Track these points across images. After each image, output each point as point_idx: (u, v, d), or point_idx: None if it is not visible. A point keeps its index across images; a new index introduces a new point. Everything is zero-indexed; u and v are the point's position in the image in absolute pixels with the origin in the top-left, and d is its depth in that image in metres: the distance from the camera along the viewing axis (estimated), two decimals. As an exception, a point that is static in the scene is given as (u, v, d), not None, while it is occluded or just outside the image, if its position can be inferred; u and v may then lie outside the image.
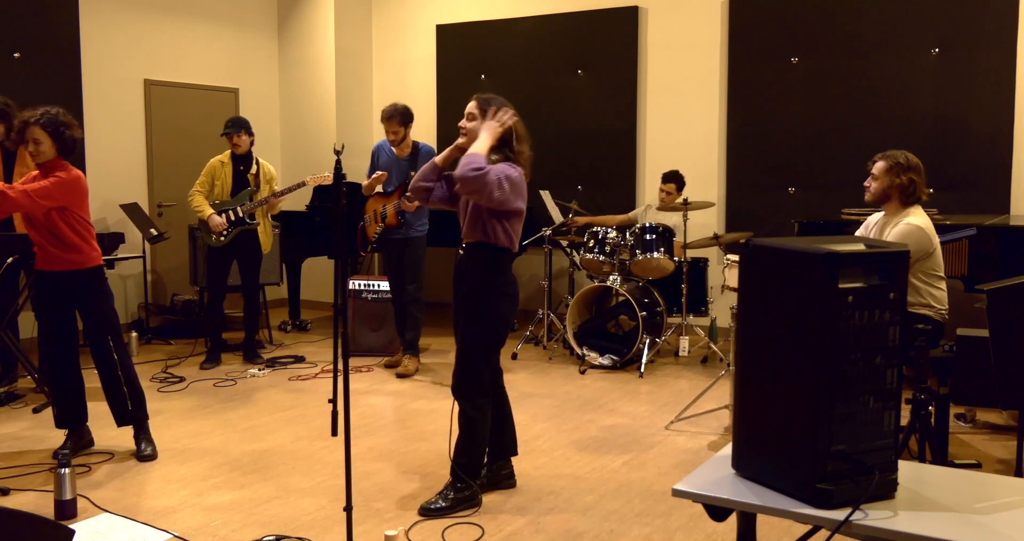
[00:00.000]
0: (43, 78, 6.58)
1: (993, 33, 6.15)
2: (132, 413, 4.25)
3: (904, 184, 4.03)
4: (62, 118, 4.03)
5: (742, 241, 3.28)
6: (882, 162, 4.10)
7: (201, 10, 7.86)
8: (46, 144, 4.00)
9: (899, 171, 4.04)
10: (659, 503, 3.66)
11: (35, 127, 3.98)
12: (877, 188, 4.10)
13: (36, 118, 3.98)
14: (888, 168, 4.06)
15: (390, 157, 5.86)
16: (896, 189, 4.05)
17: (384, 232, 5.81)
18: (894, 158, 4.07)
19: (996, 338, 3.29)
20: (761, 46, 6.94)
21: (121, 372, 4.21)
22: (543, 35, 7.77)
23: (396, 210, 5.71)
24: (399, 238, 5.84)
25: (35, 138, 3.99)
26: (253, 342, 6.34)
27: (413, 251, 5.88)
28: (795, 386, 2.11)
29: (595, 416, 4.97)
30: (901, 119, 6.44)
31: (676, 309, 6.38)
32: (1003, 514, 2.05)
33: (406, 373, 5.88)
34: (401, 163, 5.82)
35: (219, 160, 6.11)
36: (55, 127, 4.00)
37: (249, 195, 6.03)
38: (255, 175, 6.09)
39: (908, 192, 4.05)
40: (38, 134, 3.98)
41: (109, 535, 3.32)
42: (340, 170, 3.09)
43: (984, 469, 4.05)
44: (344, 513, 3.02)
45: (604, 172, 7.58)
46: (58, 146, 4.03)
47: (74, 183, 4.03)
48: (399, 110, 5.74)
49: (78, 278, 4.12)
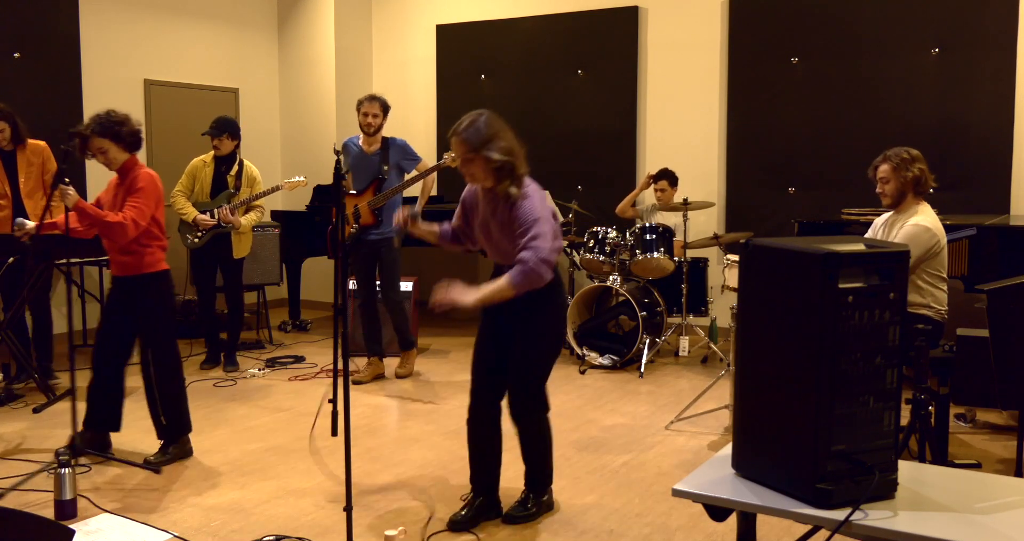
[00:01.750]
0: (43, 78, 6.58)
1: (993, 33, 6.15)
2: (165, 429, 4.20)
3: (916, 176, 4.08)
4: (113, 118, 4.01)
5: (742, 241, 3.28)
6: (886, 164, 4.10)
7: (201, 10, 7.86)
8: (113, 150, 4.00)
9: (907, 166, 4.06)
10: (659, 503, 3.66)
11: (94, 138, 3.97)
12: (892, 189, 4.11)
13: (91, 129, 3.96)
14: (895, 167, 4.07)
15: (358, 153, 5.66)
16: (910, 184, 4.09)
17: (359, 232, 5.60)
18: (897, 156, 4.09)
19: (996, 338, 3.29)
20: (761, 46, 6.94)
21: (158, 389, 4.16)
22: (543, 35, 7.77)
23: (372, 208, 5.55)
24: (374, 239, 5.66)
25: (100, 148, 3.98)
26: (234, 347, 6.22)
27: (389, 252, 5.70)
28: (795, 386, 2.11)
29: (595, 416, 4.97)
30: (901, 119, 6.44)
31: (676, 309, 6.38)
32: (1003, 514, 2.05)
33: (406, 374, 5.84)
34: (371, 158, 5.63)
35: (202, 160, 6.02)
36: (111, 130, 3.98)
37: (228, 197, 5.94)
38: (235, 176, 5.99)
39: (920, 182, 4.10)
40: (100, 143, 3.97)
41: (109, 535, 3.32)
42: (340, 170, 3.09)
43: (984, 469, 4.05)
44: (344, 513, 3.02)
45: (604, 172, 7.58)
46: (123, 146, 4.03)
47: (153, 186, 4.04)
48: (381, 97, 5.65)
49: (135, 284, 4.08)
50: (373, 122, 5.60)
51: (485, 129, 3.22)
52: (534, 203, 3.21)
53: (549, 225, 3.20)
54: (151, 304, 4.11)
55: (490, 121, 3.26)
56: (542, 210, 3.21)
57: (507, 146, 3.22)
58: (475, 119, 3.26)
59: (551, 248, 3.17)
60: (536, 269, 3.13)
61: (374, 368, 5.82)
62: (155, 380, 4.16)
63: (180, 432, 4.23)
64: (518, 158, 3.26)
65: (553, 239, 3.19)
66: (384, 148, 5.64)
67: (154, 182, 4.06)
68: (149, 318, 4.11)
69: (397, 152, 5.65)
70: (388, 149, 5.63)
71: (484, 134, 3.21)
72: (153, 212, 4.03)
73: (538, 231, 3.15)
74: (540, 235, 3.14)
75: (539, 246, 3.14)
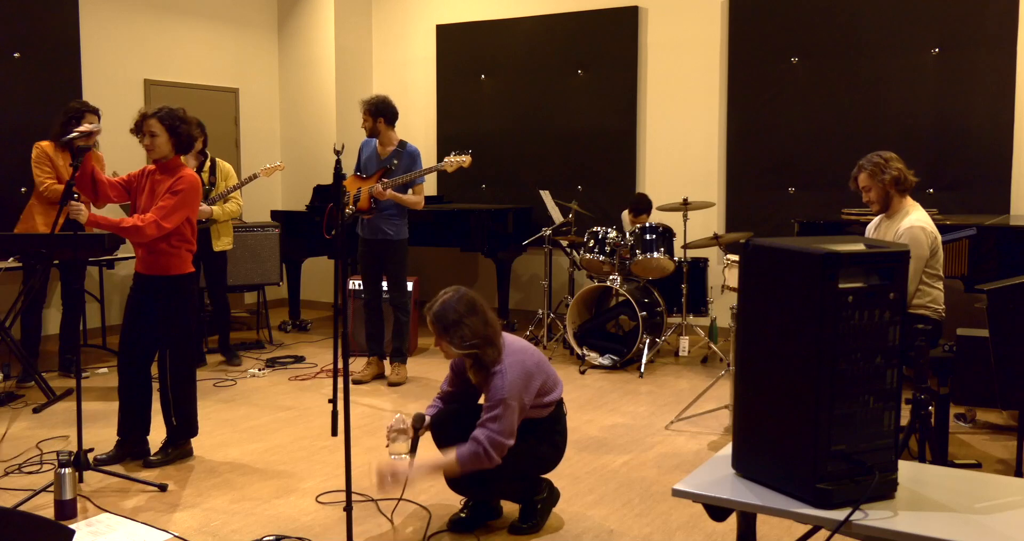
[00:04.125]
0: (43, 78, 6.58)
1: (993, 33, 6.15)
2: (174, 430, 4.19)
3: (895, 176, 4.11)
4: (180, 115, 4.05)
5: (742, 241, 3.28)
6: (863, 174, 4.19)
7: (201, 10, 7.86)
8: (162, 138, 4.01)
9: (882, 169, 4.11)
10: (659, 503, 3.66)
11: (152, 119, 4.00)
12: (876, 195, 4.17)
13: (155, 111, 4.02)
14: (871, 174, 4.14)
15: (372, 152, 5.70)
16: (891, 185, 4.11)
17: (354, 216, 5.63)
18: (870, 162, 4.16)
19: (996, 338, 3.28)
20: (761, 46, 6.94)
21: (171, 389, 4.14)
22: (543, 35, 7.76)
23: (370, 194, 5.53)
24: (376, 239, 5.67)
25: (151, 130, 4.00)
26: (228, 341, 6.27)
27: (395, 254, 5.69)
28: (795, 386, 2.11)
29: (595, 416, 4.97)
30: (901, 119, 6.44)
31: (676, 309, 6.38)
32: (1003, 514, 2.05)
33: (399, 382, 5.73)
34: (383, 162, 5.64)
35: None
36: (172, 121, 4.01)
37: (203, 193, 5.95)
38: (210, 172, 5.99)
39: (900, 181, 4.12)
40: (155, 126, 3.99)
41: (109, 535, 3.32)
42: (340, 170, 3.09)
43: (984, 469, 4.05)
44: (344, 513, 3.02)
45: (604, 172, 7.58)
46: (174, 141, 4.04)
47: (194, 191, 4.04)
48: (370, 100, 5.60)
49: (159, 285, 4.08)
50: (365, 127, 5.64)
51: (451, 314, 3.17)
52: (506, 380, 3.14)
53: (514, 407, 3.12)
54: (175, 306, 4.09)
55: (461, 303, 3.20)
56: (513, 389, 3.14)
57: (473, 332, 3.16)
58: (447, 300, 3.22)
59: (508, 432, 3.11)
60: (488, 452, 3.08)
61: (374, 368, 5.82)
62: (170, 381, 4.15)
63: (187, 435, 4.23)
64: (487, 344, 3.18)
65: (517, 417, 3.13)
66: (398, 151, 5.64)
67: (195, 188, 4.06)
68: (171, 319, 4.10)
69: (408, 158, 5.65)
70: (402, 151, 5.64)
71: (449, 319, 3.17)
72: (185, 216, 4.03)
73: (499, 413, 3.10)
74: (499, 418, 3.09)
75: (496, 428, 3.09)
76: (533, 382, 3.23)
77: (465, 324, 3.16)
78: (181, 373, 4.17)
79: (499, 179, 7.96)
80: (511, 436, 3.13)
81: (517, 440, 3.22)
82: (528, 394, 3.21)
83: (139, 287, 4.14)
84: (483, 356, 3.19)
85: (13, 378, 5.46)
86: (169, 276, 4.07)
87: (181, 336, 4.13)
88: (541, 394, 3.29)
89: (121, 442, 4.18)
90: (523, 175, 7.81)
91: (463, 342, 3.17)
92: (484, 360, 3.19)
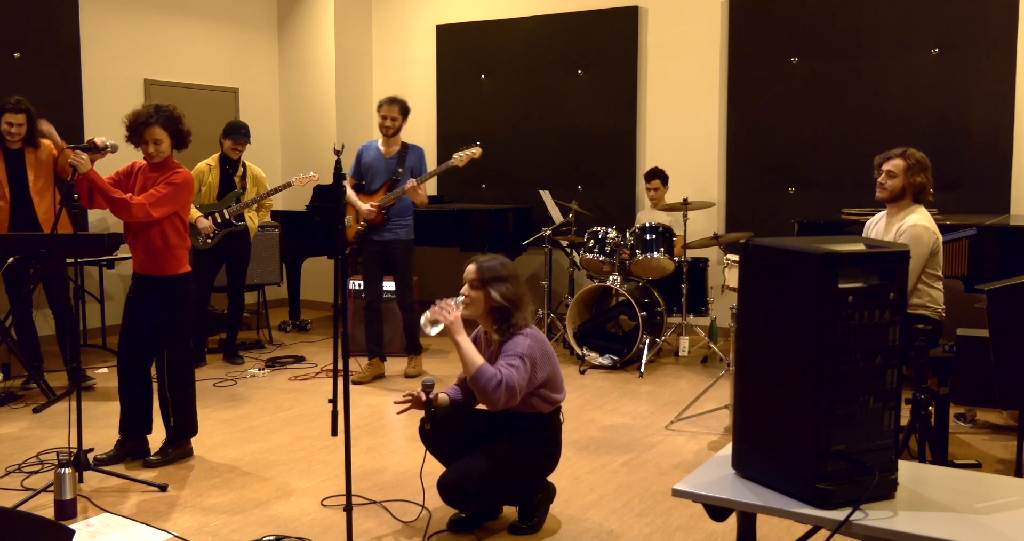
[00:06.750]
0: (43, 78, 6.58)
1: (993, 33, 6.14)
2: (173, 430, 4.18)
3: (921, 184, 4.06)
4: (175, 114, 4.03)
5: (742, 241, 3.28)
6: (901, 160, 4.07)
7: (201, 10, 7.86)
8: (166, 143, 4.01)
9: (918, 170, 4.05)
10: (659, 503, 3.66)
11: (156, 127, 3.96)
12: (895, 185, 4.08)
13: (155, 118, 3.96)
14: (908, 167, 4.05)
15: (376, 155, 5.71)
16: (913, 187, 4.07)
17: (367, 231, 5.66)
18: (913, 157, 4.06)
19: (996, 338, 3.28)
20: (761, 46, 6.94)
21: (169, 390, 4.14)
22: (543, 35, 7.76)
23: (381, 207, 5.56)
24: (383, 240, 5.68)
25: (156, 138, 3.97)
26: (235, 342, 6.34)
27: (401, 254, 5.71)
28: (795, 386, 2.11)
29: (595, 416, 4.97)
30: (901, 119, 6.44)
31: (676, 309, 6.38)
32: (1003, 514, 2.05)
33: (416, 374, 5.85)
34: (388, 161, 5.67)
35: (207, 164, 6.10)
36: (173, 124, 4.00)
37: (235, 197, 6.04)
38: (242, 177, 6.11)
39: (922, 189, 4.08)
40: (159, 134, 3.97)
41: (109, 535, 3.32)
42: (340, 170, 3.09)
43: (984, 469, 4.05)
44: (344, 513, 3.02)
45: (604, 172, 7.58)
46: (174, 142, 4.04)
47: (187, 188, 4.04)
48: (401, 99, 5.68)
49: (157, 285, 4.07)
50: (391, 125, 5.64)
51: (500, 269, 3.32)
52: (529, 342, 3.24)
53: (527, 370, 3.19)
54: (172, 306, 4.09)
55: (508, 267, 3.37)
56: (533, 353, 3.22)
57: (512, 293, 3.30)
58: (497, 260, 3.37)
59: (519, 384, 3.16)
60: (500, 385, 3.12)
61: (374, 368, 5.82)
62: (168, 381, 4.15)
63: (186, 435, 4.23)
64: (518, 308, 3.30)
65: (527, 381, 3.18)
66: (402, 153, 5.67)
67: (189, 184, 4.07)
68: (168, 319, 4.10)
69: (415, 158, 5.68)
70: (406, 154, 5.67)
71: (498, 273, 3.31)
72: (174, 210, 4.02)
73: (518, 364, 3.17)
74: (517, 368, 3.17)
75: (514, 374, 3.15)
76: (545, 365, 3.30)
77: (510, 282, 3.31)
78: (180, 373, 4.16)
79: (499, 179, 7.95)
80: (518, 393, 3.18)
81: (515, 446, 3.30)
82: (538, 371, 3.26)
83: (137, 288, 4.14)
84: (514, 316, 3.30)
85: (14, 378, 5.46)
86: (166, 276, 4.07)
87: (179, 336, 4.13)
88: (547, 388, 3.34)
89: (123, 441, 4.19)
90: (523, 175, 7.81)
91: (503, 296, 3.27)
92: (514, 320, 3.30)
